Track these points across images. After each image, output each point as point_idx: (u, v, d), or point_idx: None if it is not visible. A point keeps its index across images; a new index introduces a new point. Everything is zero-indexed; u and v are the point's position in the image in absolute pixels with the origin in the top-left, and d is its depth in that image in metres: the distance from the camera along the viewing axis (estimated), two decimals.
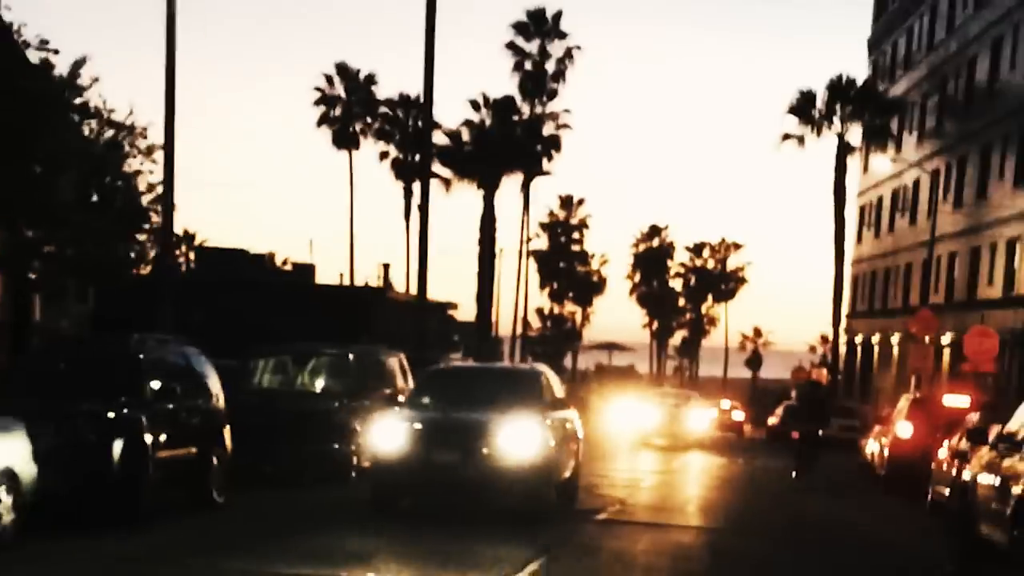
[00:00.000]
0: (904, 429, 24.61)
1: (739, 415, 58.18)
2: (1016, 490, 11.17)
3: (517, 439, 15.18)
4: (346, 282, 60.21)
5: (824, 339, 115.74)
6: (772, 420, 52.72)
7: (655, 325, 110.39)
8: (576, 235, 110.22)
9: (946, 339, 45.27)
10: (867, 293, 61.59)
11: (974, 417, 20.06)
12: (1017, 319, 39.65)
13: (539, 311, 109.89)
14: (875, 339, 58.80)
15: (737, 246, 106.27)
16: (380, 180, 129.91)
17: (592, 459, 29.69)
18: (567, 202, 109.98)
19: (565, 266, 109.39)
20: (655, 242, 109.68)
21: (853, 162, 59.00)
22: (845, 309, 60.17)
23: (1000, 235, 42.64)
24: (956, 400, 24.35)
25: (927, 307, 42.25)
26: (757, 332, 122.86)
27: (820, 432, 29.13)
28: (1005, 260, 42.01)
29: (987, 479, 12.55)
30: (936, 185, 49.92)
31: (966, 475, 14.07)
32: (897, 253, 56.31)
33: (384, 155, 70.93)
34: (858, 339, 61.73)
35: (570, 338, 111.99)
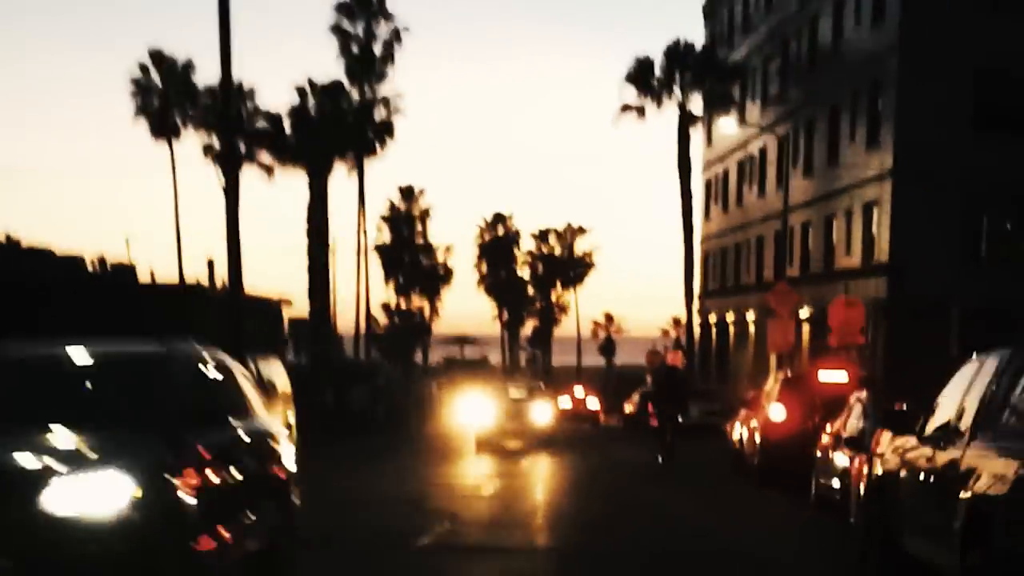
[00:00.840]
0: (777, 412, 21.70)
1: (594, 403, 55.45)
2: (965, 496, 8.03)
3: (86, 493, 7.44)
4: (165, 282, 55.56)
5: (677, 322, 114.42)
6: (628, 407, 50.06)
7: (505, 315, 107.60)
8: (419, 227, 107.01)
9: (804, 313, 43.04)
10: (719, 271, 59.40)
11: (861, 396, 17.14)
12: (879, 288, 37.47)
13: (385, 306, 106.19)
14: (730, 318, 56.62)
15: (583, 230, 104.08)
16: (205, 172, 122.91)
17: (428, 464, 26.38)
18: (408, 193, 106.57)
19: (409, 259, 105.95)
20: (500, 231, 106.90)
21: (697, 134, 56.74)
22: (697, 289, 57.80)
23: (856, 199, 40.48)
24: (832, 376, 21.55)
25: (783, 280, 39.82)
26: (609, 318, 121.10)
27: (679, 417, 29.09)
28: (863, 227, 39.85)
29: (916, 480, 9.41)
30: (784, 152, 47.71)
31: (880, 471, 10.94)
32: (747, 227, 54.14)
33: (208, 147, 66.43)
34: (712, 319, 59.54)
35: (419, 333, 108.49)
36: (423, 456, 29.16)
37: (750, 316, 53.15)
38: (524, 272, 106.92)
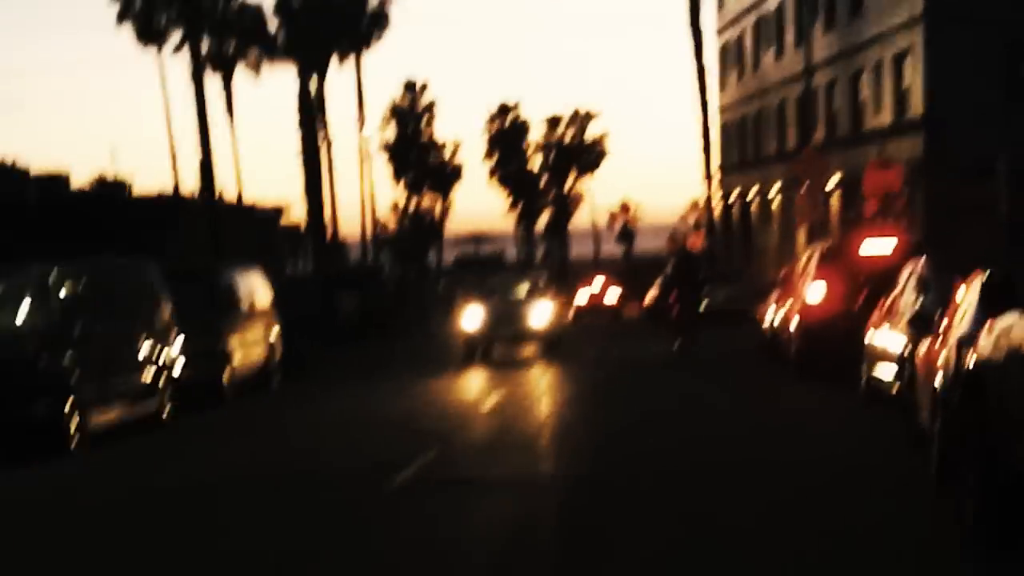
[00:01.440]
0: (816, 291, 18.96)
1: (613, 296, 52.76)
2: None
3: None
4: (161, 193, 52.88)
5: (695, 205, 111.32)
6: (648, 297, 47.33)
7: (519, 209, 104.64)
8: (424, 122, 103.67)
9: (833, 181, 40.03)
10: (739, 143, 56.22)
11: (917, 267, 14.41)
12: (915, 147, 34.43)
13: (394, 207, 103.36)
14: (753, 193, 53.62)
15: (593, 115, 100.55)
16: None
17: (420, 378, 23.70)
18: (410, 87, 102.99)
19: (417, 156, 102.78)
20: (508, 121, 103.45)
21: None
22: (716, 166, 54.71)
23: (885, 50, 37.22)
24: (877, 246, 18.77)
25: (809, 146, 36.77)
26: (625, 206, 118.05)
27: (700, 302, 28.11)
28: (893, 80, 36.66)
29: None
30: (803, 5, 44.39)
31: (975, 363, 8.21)
32: (767, 93, 50.87)
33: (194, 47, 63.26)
34: (734, 196, 56.51)
35: (431, 233, 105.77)
36: (418, 368, 26.54)
37: (774, 190, 50.15)
38: (535, 163, 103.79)
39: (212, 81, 63.68)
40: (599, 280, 52.96)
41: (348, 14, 68.87)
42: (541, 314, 30.44)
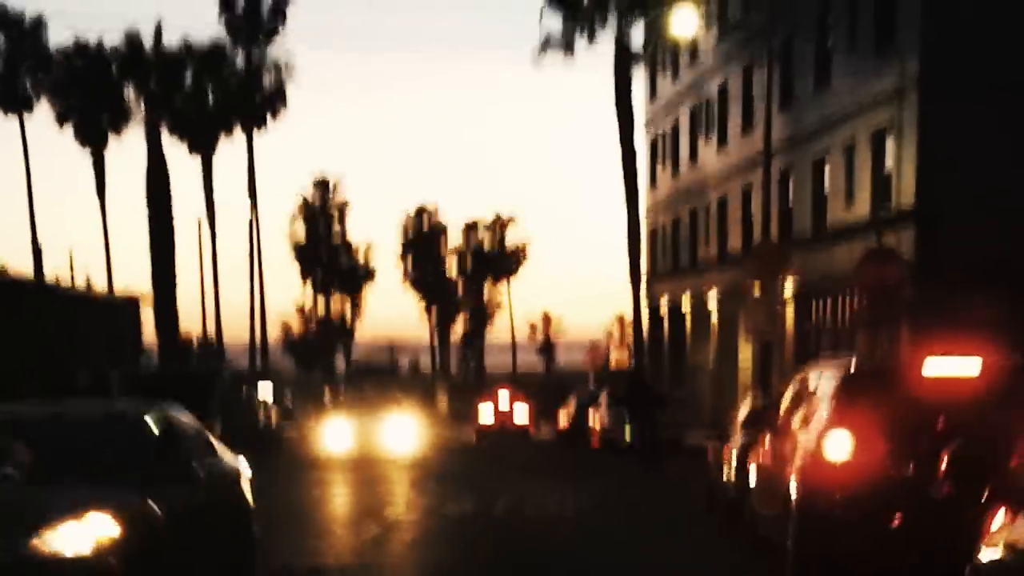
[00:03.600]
0: (838, 444, 10.20)
1: (523, 413, 43.57)
2: None
3: None
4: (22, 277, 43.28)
5: (620, 320, 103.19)
6: (564, 418, 38.55)
7: (434, 314, 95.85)
8: (336, 221, 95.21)
9: (788, 289, 31.62)
10: (670, 248, 47.96)
11: None
12: (902, 243, 26.09)
13: (300, 309, 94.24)
14: (686, 304, 45.21)
15: (512, 220, 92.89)
16: (64, 149, 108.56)
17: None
18: (322, 185, 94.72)
19: (328, 257, 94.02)
20: (425, 224, 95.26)
21: (638, 84, 45.41)
22: (644, 273, 46.24)
23: (860, 128, 29.14)
24: (953, 366, 10.13)
25: (767, 239, 28.38)
26: (546, 317, 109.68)
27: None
28: (871, 164, 28.52)
29: None
30: (751, 84, 36.67)
31: None
32: (705, 190, 42.76)
33: (63, 117, 54.19)
34: (664, 306, 48.08)
35: (340, 337, 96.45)
36: None
37: (712, 300, 41.80)
38: (452, 268, 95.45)
39: (82, 157, 54.90)
40: (504, 394, 43.85)
41: (239, 89, 60.57)
42: (404, 432, 23.69)
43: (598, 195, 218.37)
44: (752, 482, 13.33)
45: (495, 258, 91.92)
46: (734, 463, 15.17)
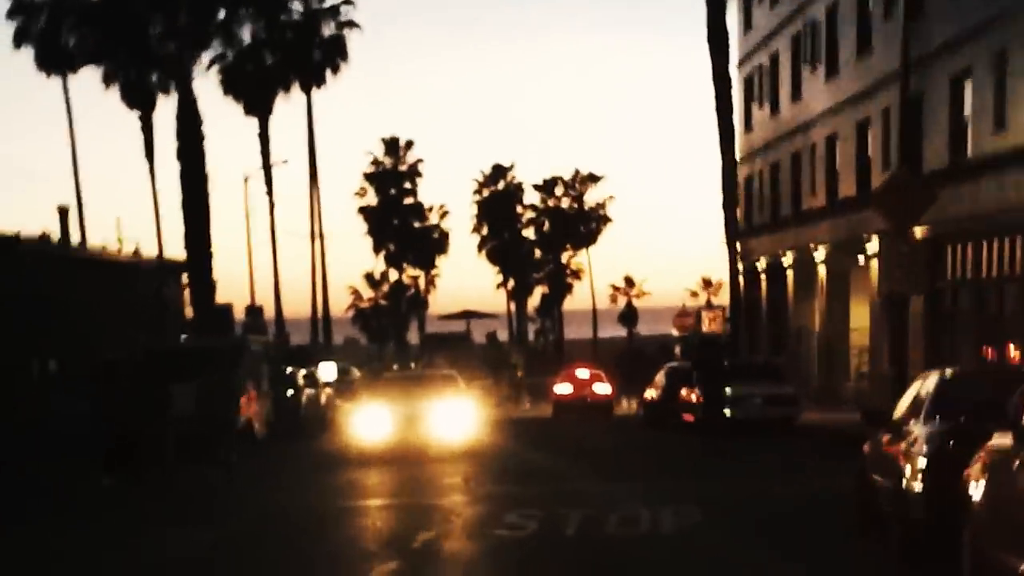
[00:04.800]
0: None
1: (604, 387, 38.56)
2: None
3: None
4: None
5: (707, 283, 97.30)
6: (651, 391, 33.36)
7: (511, 284, 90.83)
8: (408, 185, 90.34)
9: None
10: (768, 196, 42.34)
11: None
12: None
13: (368, 276, 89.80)
14: (788, 260, 39.67)
15: (594, 178, 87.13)
16: (110, 111, 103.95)
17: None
18: (393, 146, 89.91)
19: (399, 222, 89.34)
20: (500, 185, 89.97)
21: (731, 15, 39.87)
22: (736, 228, 40.70)
23: (1016, 35, 23.45)
24: None
25: (898, 171, 22.86)
26: (629, 282, 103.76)
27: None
28: None
29: None
30: (865, 2, 31.12)
31: None
32: (810, 127, 37.12)
33: (109, 77, 49.81)
34: (761, 264, 42.53)
35: (413, 307, 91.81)
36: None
37: (819, 254, 36.24)
38: (529, 232, 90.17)
39: (130, 117, 50.47)
40: (582, 372, 38.94)
41: (299, 45, 55.92)
42: (458, 418, 21.16)
43: (683, 152, 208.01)
44: (978, 498, 8.17)
45: (575, 220, 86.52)
46: (922, 466, 10.01)
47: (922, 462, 10.08)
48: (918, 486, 10.09)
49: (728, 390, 26.03)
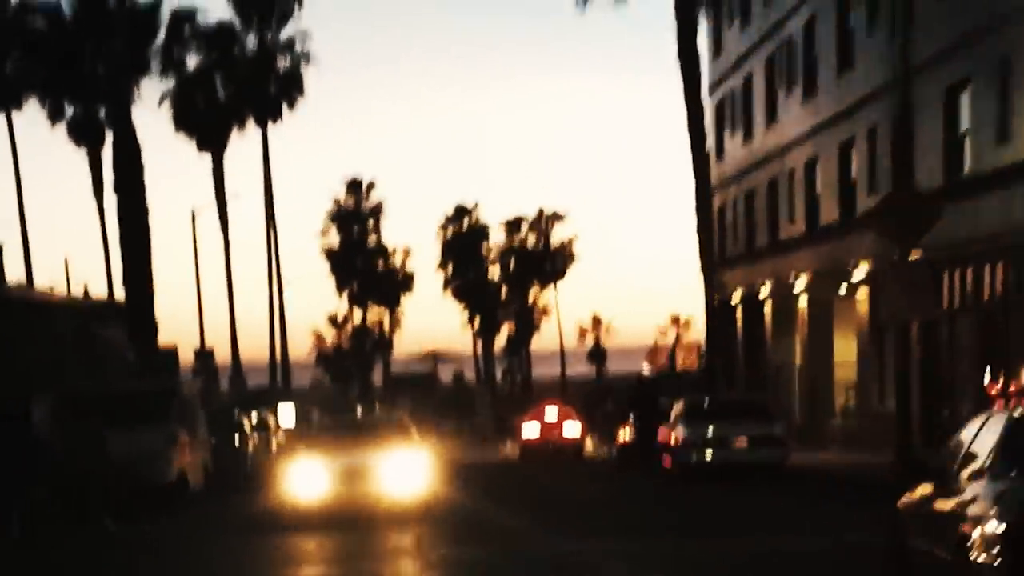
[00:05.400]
0: None
1: (573, 428, 36.12)
2: None
3: None
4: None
5: (675, 321, 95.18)
6: (624, 434, 30.87)
7: (477, 322, 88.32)
8: (371, 225, 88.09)
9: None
10: (743, 226, 40.17)
11: None
12: None
13: (332, 319, 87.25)
14: (765, 291, 37.42)
15: (559, 217, 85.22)
16: (57, 147, 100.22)
17: None
18: (355, 187, 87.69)
19: (362, 264, 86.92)
20: (465, 225, 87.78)
21: (700, 38, 37.73)
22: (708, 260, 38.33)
23: None
24: None
25: (897, 188, 20.60)
26: (597, 320, 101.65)
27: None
28: None
29: None
30: (845, 16, 29.15)
31: None
32: (787, 152, 35.03)
33: (55, 113, 47.02)
34: (736, 298, 40.26)
35: (378, 348, 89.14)
36: None
37: (799, 284, 34.01)
38: (495, 272, 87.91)
39: (78, 155, 47.67)
40: (552, 410, 36.42)
41: (253, 77, 53.50)
42: (408, 470, 17.58)
43: (650, 189, 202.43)
44: None
45: (541, 258, 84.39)
46: (997, 533, 7.60)
47: (996, 527, 7.67)
48: (989, 559, 7.68)
49: (709, 430, 23.59)
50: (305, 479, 17.32)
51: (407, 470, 17.30)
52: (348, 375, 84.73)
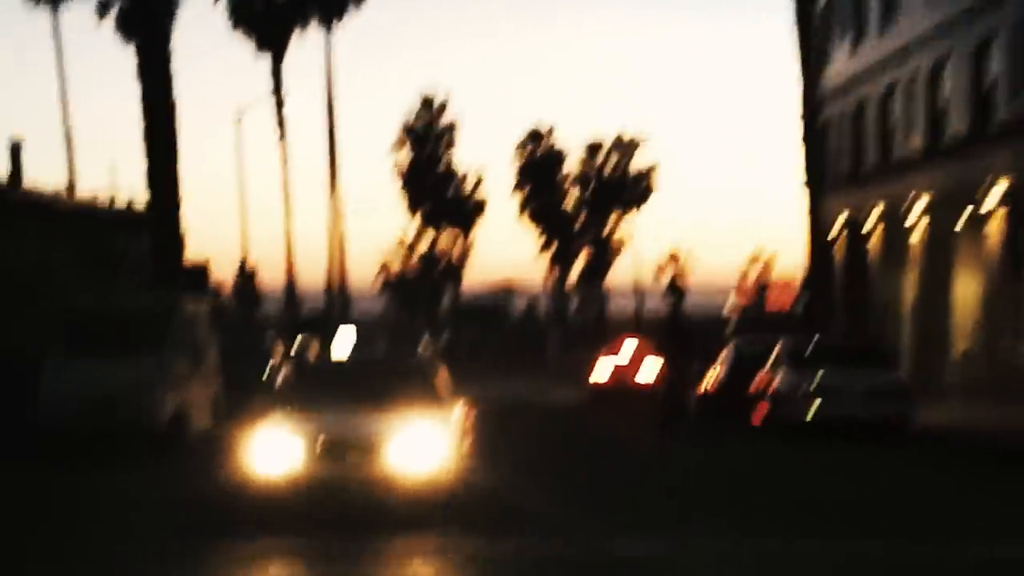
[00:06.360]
0: None
1: (649, 372, 31.77)
2: None
3: None
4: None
5: (759, 257, 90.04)
6: (709, 382, 26.57)
7: (552, 249, 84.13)
8: (443, 146, 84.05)
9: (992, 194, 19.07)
10: (849, 146, 35.47)
11: None
12: None
13: (400, 242, 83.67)
14: (872, 220, 32.86)
15: (639, 142, 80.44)
16: (105, 47, 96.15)
17: None
18: (427, 105, 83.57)
19: (433, 185, 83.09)
20: (540, 149, 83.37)
21: None
22: (804, 183, 33.72)
23: None
24: None
25: None
26: (674, 255, 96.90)
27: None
28: None
29: None
30: None
31: None
32: (908, 54, 30.26)
33: (104, 7, 43.28)
34: (837, 226, 35.66)
35: (447, 277, 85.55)
36: None
37: (915, 212, 29.46)
38: (572, 200, 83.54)
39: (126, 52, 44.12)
40: (630, 345, 32.10)
41: None
42: (419, 442, 11.96)
43: (736, 116, 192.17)
44: None
45: (620, 186, 79.90)
46: None
47: None
48: None
49: (816, 379, 19.44)
50: (268, 457, 11.74)
51: (423, 446, 11.81)
52: (414, 305, 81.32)
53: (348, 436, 11.74)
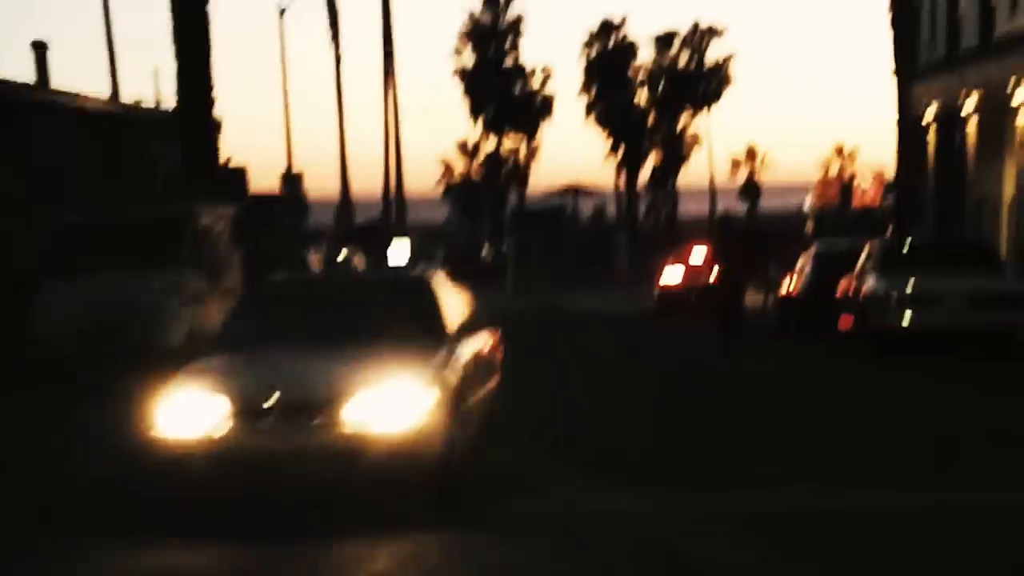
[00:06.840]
0: None
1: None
2: None
3: None
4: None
5: (840, 152, 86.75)
6: (789, 286, 24.30)
7: (620, 151, 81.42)
8: (508, 44, 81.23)
9: None
10: (944, 24, 32.48)
11: None
12: None
13: (462, 146, 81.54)
14: (970, 106, 30.01)
15: (715, 32, 76.92)
16: None
17: None
18: (492, 1, 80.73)
19: (498, 85, 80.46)
20: (610, 43, 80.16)
21: None
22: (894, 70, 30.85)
23: None
24: None
25: None
26: (751, 152, 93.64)
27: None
28: None
29: None
30: None
31: None
32: None
33: None
34: (930, 115, 32.81)
35: (512, 180, 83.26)
36: None
37: (1021, 93, 26.60)
38: (642, 96, 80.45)
39: None
40: (700, 251, 29.88)
41: None
42: (403, 397, 8.44)
43: (813, 3, 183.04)
44: None
45: (693, 80, 76.67)
46: None
47: None
48: None
49: (912, 283, 17.10)
50: (178, 425, 8.32)
51: (402, 402, 8.26)
52: (477, 211, 79.20)
53: (294, 393, 8.21)
